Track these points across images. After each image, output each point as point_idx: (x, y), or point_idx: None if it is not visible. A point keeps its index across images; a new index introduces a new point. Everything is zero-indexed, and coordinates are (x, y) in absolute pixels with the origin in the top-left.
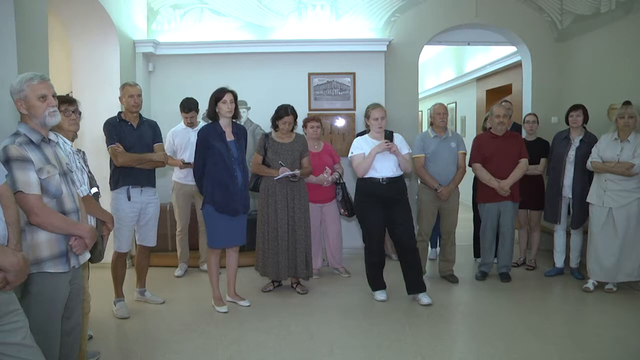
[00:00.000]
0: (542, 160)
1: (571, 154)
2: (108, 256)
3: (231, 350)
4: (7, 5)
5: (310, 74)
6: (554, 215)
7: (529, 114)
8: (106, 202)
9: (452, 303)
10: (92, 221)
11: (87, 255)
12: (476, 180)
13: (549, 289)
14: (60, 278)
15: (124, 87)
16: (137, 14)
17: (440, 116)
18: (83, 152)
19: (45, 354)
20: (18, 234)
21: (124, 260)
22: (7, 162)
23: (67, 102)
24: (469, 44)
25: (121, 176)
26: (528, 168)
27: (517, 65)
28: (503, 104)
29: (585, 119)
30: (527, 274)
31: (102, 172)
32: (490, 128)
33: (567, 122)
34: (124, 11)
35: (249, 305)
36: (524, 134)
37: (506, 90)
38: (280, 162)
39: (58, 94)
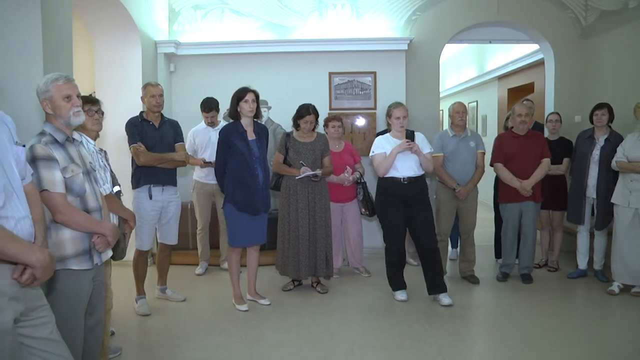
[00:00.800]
0: (565, 160)
1: (595, 153)
2: (130, 254)
3: (251, 348)
4: (34, 9)
5: (331, 74)
6: (577, 216)
7: (552, 113)
8: (128, 200)
9: (472, 304)
10: (114, 219)
11: (110, 253)
12: (497, 180)
13: (571, 291)
14: (83, 275)
15: (146, 87)
16: (159, 15)
17: (459, 115)
18: (105, 152)
19: (69, 348)
20: (44, 231)
21: (145, 258)
22: (33, 161)
23: (90, 102)
24: (490, 42)
25: (143, 175)
26: (550, 168)
27: (540, 64)
28: (524, 102)
29: (611, 117)
30: (549, 275)
31: (124, 171)
32: (512, 127)
33: (591, 121)
34: (145, 12)
35: (269, 304)
36: (546, 133)
37: (528, 88)
38: (301, 161)
39: (81, 94)
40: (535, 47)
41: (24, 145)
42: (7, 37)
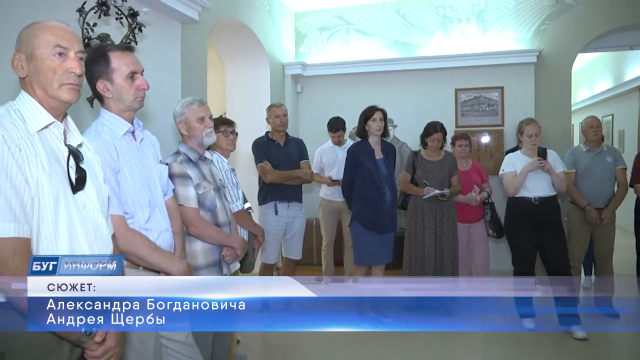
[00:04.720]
0: None
1: None
2: (257, 267)
3: None
4: (175, 41)
5: (457, 90)
6: None
7: None
8: (255, 217)
9: (610, 340)
10: (244, 234)
11: (237, 265)
12: (638, 203)
13: None
14: None
15: (270, 108)
16: (286, 39)
17: (592, 130)
18: (234, 170)
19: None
20: (183, 243)
21: (270, 272)
22: (170, 178)
23: (226, 124)
24: (631, 49)
25: (269, 192)
26: None
27: None
28: None
29: None
30: None
31: (252, 188)
32: None
33: None
34: (274, 37)
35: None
36: None
37: None
38: (424, 181)
39: (212, 116)
40: None
41: (166, 164)
42: (151, 66)
